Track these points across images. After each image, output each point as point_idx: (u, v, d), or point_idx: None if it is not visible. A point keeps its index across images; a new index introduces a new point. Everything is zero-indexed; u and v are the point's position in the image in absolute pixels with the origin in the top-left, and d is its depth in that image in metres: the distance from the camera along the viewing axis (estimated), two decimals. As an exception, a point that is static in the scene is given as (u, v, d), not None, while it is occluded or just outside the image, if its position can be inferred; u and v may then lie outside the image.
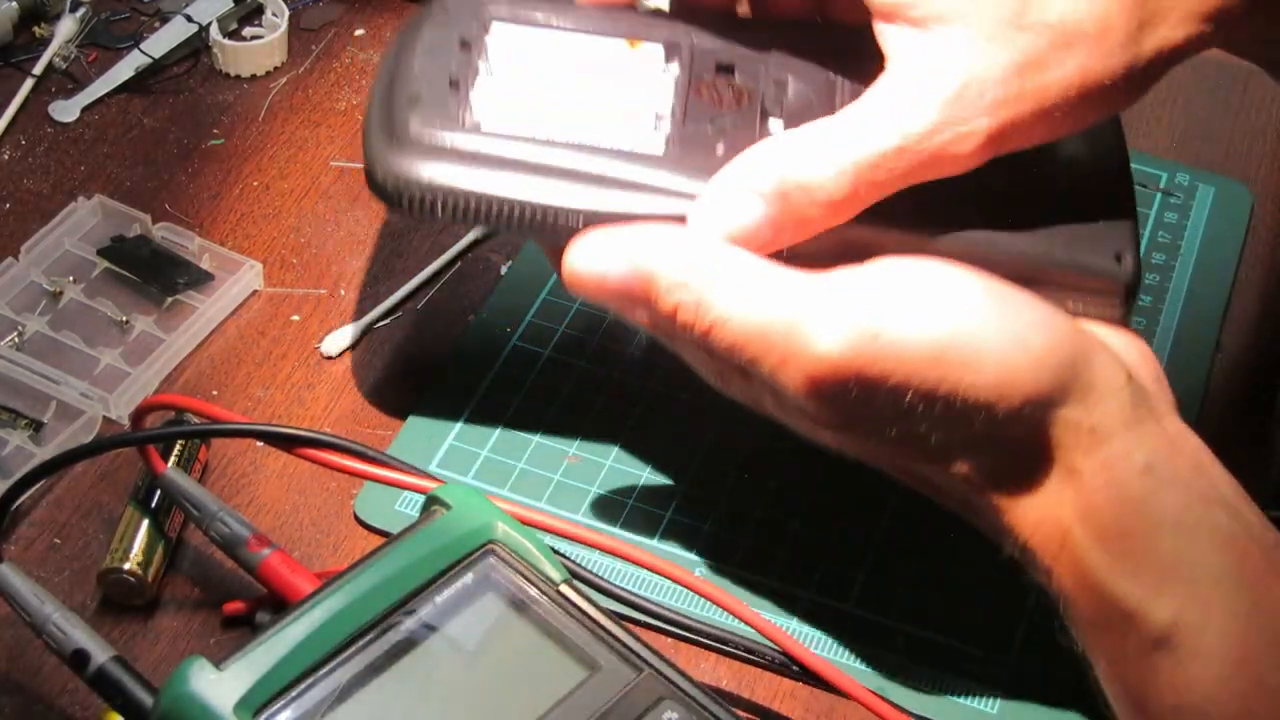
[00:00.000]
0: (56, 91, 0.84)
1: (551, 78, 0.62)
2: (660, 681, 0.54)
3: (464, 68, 0.62)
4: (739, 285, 0.55)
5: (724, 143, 0.59)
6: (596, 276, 0.56)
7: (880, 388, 0.53)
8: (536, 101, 0.61)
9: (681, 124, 0.60)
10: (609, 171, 0.58)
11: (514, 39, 0.63)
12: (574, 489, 0.69)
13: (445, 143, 0.59)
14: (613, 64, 0.63)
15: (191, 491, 0.63)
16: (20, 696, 0.62)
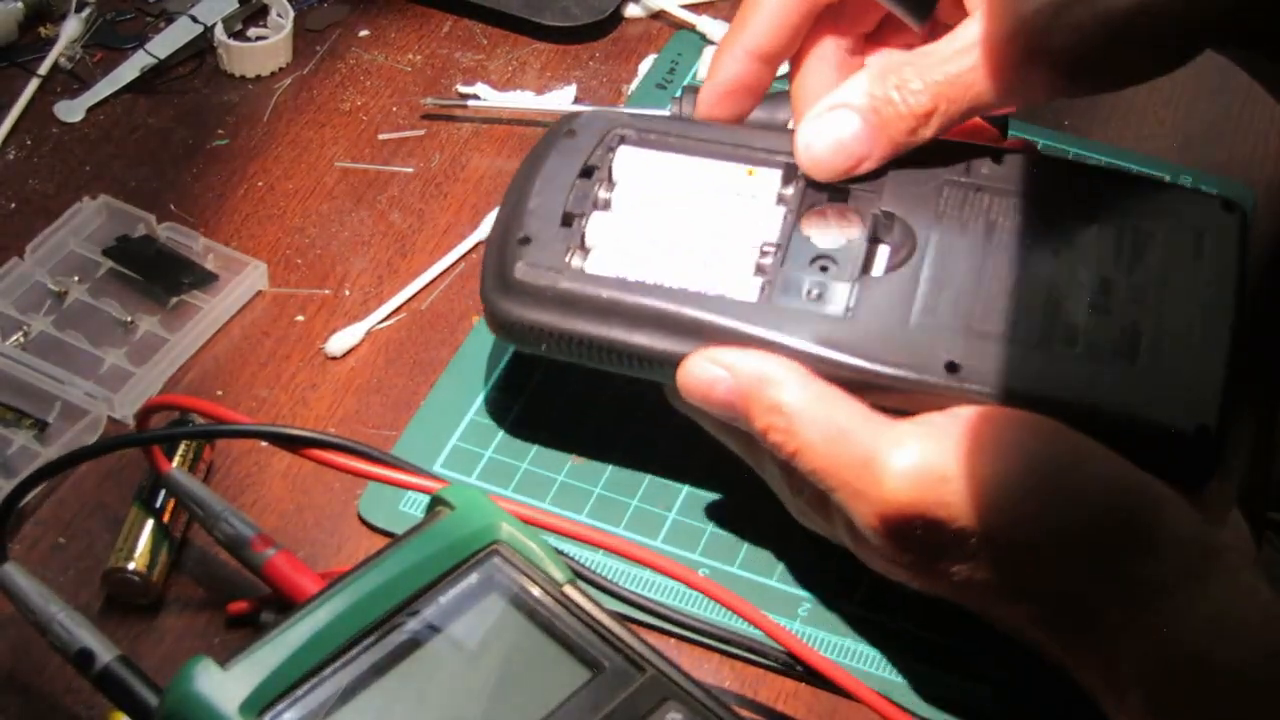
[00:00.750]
0: (62, 91, 0.84)
1: (666, 209, 0.64)
2: (664, 682, 0.54)
3: (581, 200, 0.65)
4: (827, 416, 0.58)
5: (818, 289, 0.61)
6: (705, 387, 0.60)
7: (945, 530, 0.55)
8: (647, 236, 0.63)
9: (780, 265, 0.62)
10: (703, 318, 0.60)
11: (637, 162, 0.66)
12: (578, 489, 0.69)
13: (548, 287, 0.62)
14: (728, 192, 0.65)
15: (196, 491, 0.63)
16: (25, 696, 0.62)
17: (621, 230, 0.64)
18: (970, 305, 0.60)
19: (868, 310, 0.60)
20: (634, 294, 0.61)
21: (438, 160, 0.83)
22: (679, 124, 0.68)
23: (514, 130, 0.84)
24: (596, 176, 0.65)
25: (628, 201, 0.65)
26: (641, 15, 0.91)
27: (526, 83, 0.86)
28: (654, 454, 0.70)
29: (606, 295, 0.62)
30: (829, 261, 0.62)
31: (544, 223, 0.64)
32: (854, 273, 0.61)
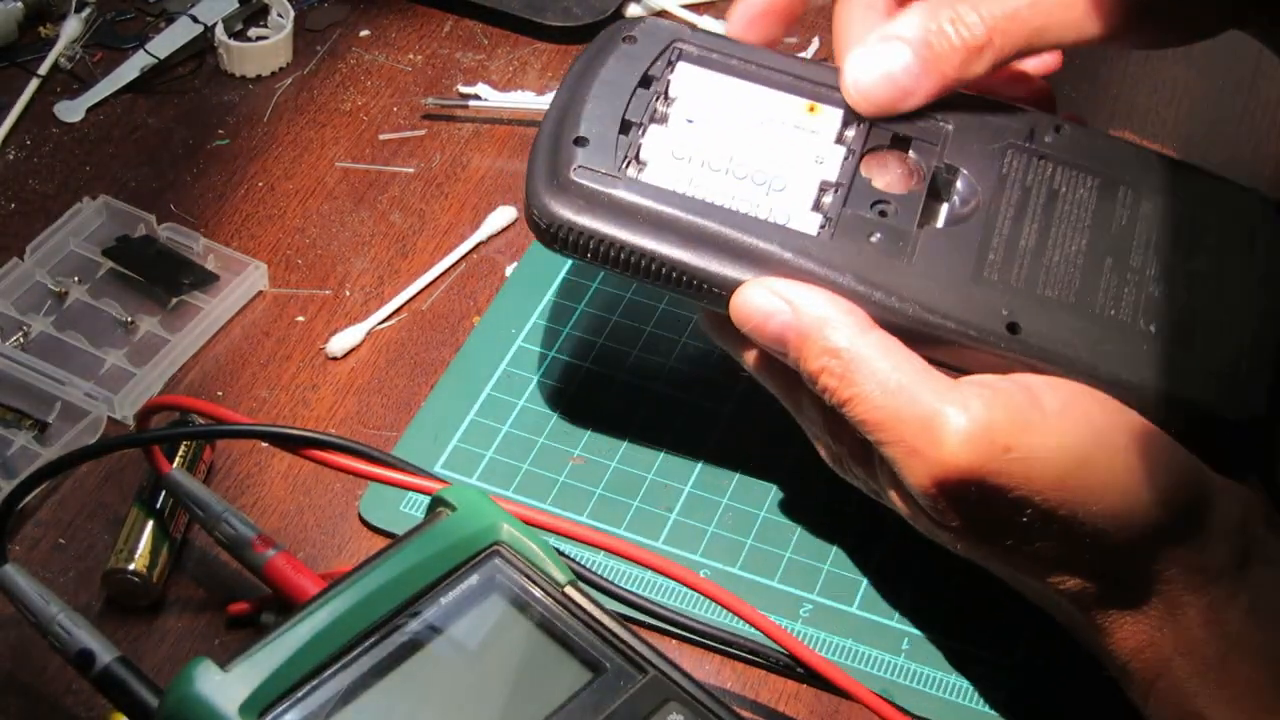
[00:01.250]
0: (62, 92, 0.84)
1: (725, 132, 0.62)
2: (665, 683, 0.54)
3: (640, 109, 0.62)
4: (888, 367, 0.56)
5: (880, 232, 0.59)
6: (761, 318, 0.58)
7: (1002, 499, 0.55)
8: (705, 156, 0.61)
9: (842, 204, 0.60)
10: (760, 245, 0.58)
11: (698, 82, 0.64)
12: (579, 490, 0.69)
13: (604, 192, 0.60)
14: (789, 125, 0.63)
15: (196, 492, 0.63)
16: (25, 697, 0.62)
17: (680, 146, 0.61)
18: (1034, 270, 0.59)
19: (930, 260, 0.59)
20: (692, 211, 0.59)
21: (438, 160, 0.83)
22: (743, 48, 0.65)
23: (515, 130, 0.84)
24: (654, 89, 0.63)
25: (685, 119, 0.62)
26: (642, 15, 0.91)
27: (528, 83, 0.86)
28: (655, 455, 0.70)
29: (664, 208, 0.59)
30: (888, 206, 0.60)
31: (602, 126, 0.61)
32: (915, 220, 0.60)
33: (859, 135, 0.63)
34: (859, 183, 0.61)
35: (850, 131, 0.63)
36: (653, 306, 0.75)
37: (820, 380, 0.57)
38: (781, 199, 0.60)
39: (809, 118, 0.63)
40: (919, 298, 0.58)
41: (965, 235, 0.60)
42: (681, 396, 0.72)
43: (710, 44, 0.65)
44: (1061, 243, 0.60)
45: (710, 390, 0.72)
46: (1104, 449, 0.55)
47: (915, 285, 0.58)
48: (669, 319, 0.75)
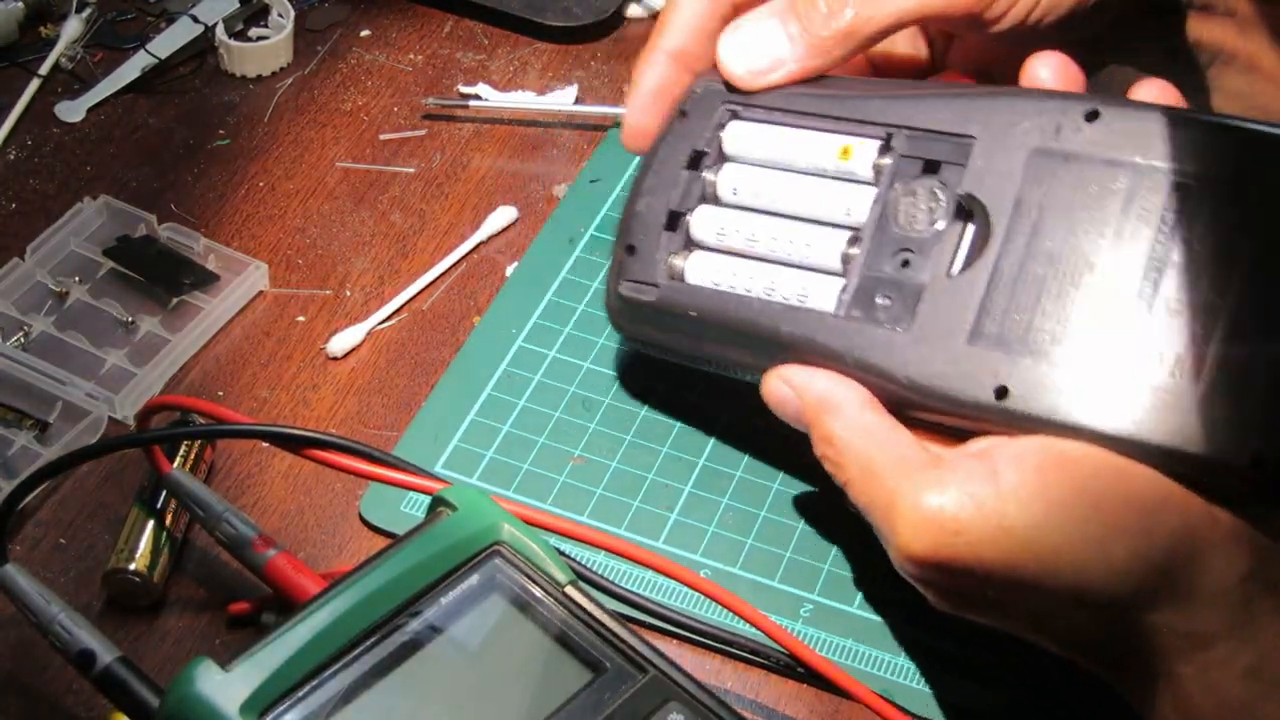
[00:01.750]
0: (62, 92, 0.84)
1: (765, 196, 0.64)
2: (666, 683, 0.54)
3: (688, 193, 0.65)
4: (869, 452, 0.58)
5: (889, 296, 0.59)
6: (779, 405, 0.61)
7: (964, 578, 0.55)
8: (746, 229, 0.64)
9: (864, 261, 0.61)
10: (781, 331, 0.61)
11: (746, 138, 0.65)
12: (579, 490, 0.69)
13: (646, 303, 0.65)
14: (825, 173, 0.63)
15: (197, 492, 0.63)
16: (26, 697, 0.62)
17: (725, 223, 0.64)
18: (1031, 317, 0.57)
19: (930, 321, 0.58)
20: (723, 309, 0.63)
21: (439, 160, 0.83)
22: (793, 91, 0.65)
23: (515, 130, 0.84)
24: (705, 163, 0.65)
25: (732, 189, 0.65)
26: (643, 15, 0.91)
27: (528, 83, 0.86)
28: (656, 454, 0.70)
29: (696, 314, 0.63)
30: (911, 255, 0.60)
31: (648, 228, 0.65)
32: (934, 269, 0.59)
33: (889, 168, 0.61)
34: (884, 230, 0.61)
35: (886, 160, 0.62)
36: (653, 306, 0.75)
37: (825, 466, 0.59)
38: (812, 260, 0.62)
39: (842, 164, 0.63)
40: (909, 371, 0.58)
41: (971, 283, 0.58)
42: (682, 396, 0.72)
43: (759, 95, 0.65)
44: (1069, 277, 0.57)
45: (711, 390, 0.72)
46: (1061, 521, 0.54)
47: (908, 357, 0.58)
48: (669, 319, 0.75)
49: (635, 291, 0.65)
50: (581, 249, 0.78)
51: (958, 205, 0.60)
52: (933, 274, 0.59)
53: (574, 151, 0.83)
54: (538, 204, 0.81)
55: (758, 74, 0.64)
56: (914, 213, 0.60)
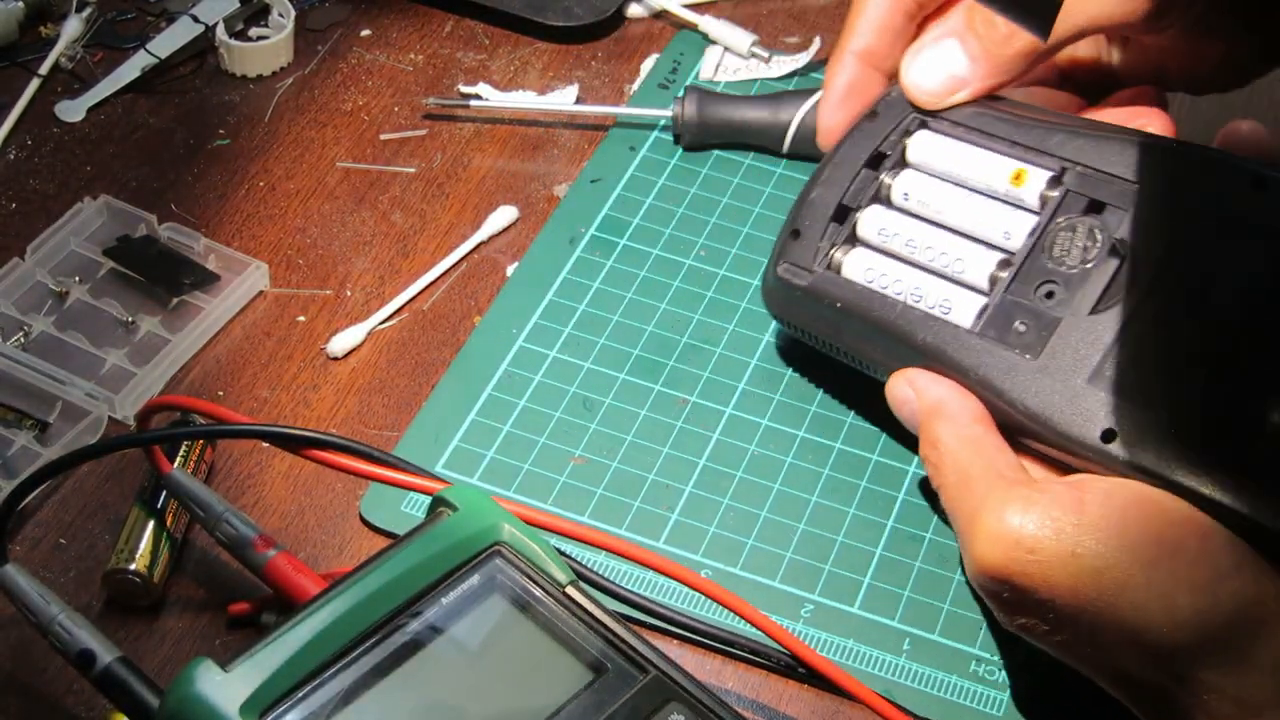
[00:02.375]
0: (63, 91, 0.84)
1: (933, 206, 0.66)
2: (666, 683, 0.54)
3: (862, 190, 0.67)
4: (966, 461, 0.60)
5: (1026, 323, 0.61)
6: (897, 405, 0.64)
7: (1029, 598, 0.56)
8: (909, 234, 0.66)
9: (1008, 285, 0.62)
10: (916, 337, 0.63)
11: (929, 149, 0.66)
12: (580, 490, 0.69)
13: (798, 287, 0.67)
14: (995, 195, 0.64)
15: (197, 492, 0.63)
16: (25, 697, 0.62)
17: (889, 224, 0.66)
18: (1153, 371, 0.58)
19: (1057, 354, 0.60)
20: (867, 306, 0.65)
21: (439, 160, 0.83)
22: (982, 110, 0.66)
23: (516, 130, 0.84)
24: (885, 165, 0.67)
25: (903, 194, 0.66)
26: (644, 15, 0.91)
27: (529, 83, 0.86)
28: (656, 454, 0.70)
29: (842, 306, 0.65)
30: (1056, 288, 0.61)
31: (817, 217, 0.67)
32: (1074, 306, 0.60)
33: (1054, 202, 0.63)
34: (1035, 259, 0.62)
35: (1054, 192, 0.63)
36: (653, 307, 0.75)
37: (925, 467, 0.61)
38: (960, 277, 0.64)
39: (1013, 188, 0.64)
40: (1026, 397, 0.59)
41: (1105, 325, 0.60)
42: (683, 396, 0.72)
43: (956, 111, 0.66)
44: (1200, 345, 0.58)
45: (711, 390, 0.72)
46: (1133, 561, 0.54)
47: (1029, 384, 0.60)
48: (670, 319, 0.75)
49: (791, 274, 0.67)
50: (582, 249, 0.78)
51: (1112, 248, 0.61)
52: (1073, 311, 0.60)
53: (575, 151, 0.83)
54: (538, 204, 0.81)
55: (940, 95, 0.66)
56: (1069, 247, 0.62)
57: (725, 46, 0.88)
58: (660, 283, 0.77)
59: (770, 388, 0.73)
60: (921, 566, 0.67)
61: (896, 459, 0.70)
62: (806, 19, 0.91)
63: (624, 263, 0.77)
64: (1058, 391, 0.59)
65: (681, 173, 0.82)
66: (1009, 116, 0.65)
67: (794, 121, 0.81)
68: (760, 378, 0.73)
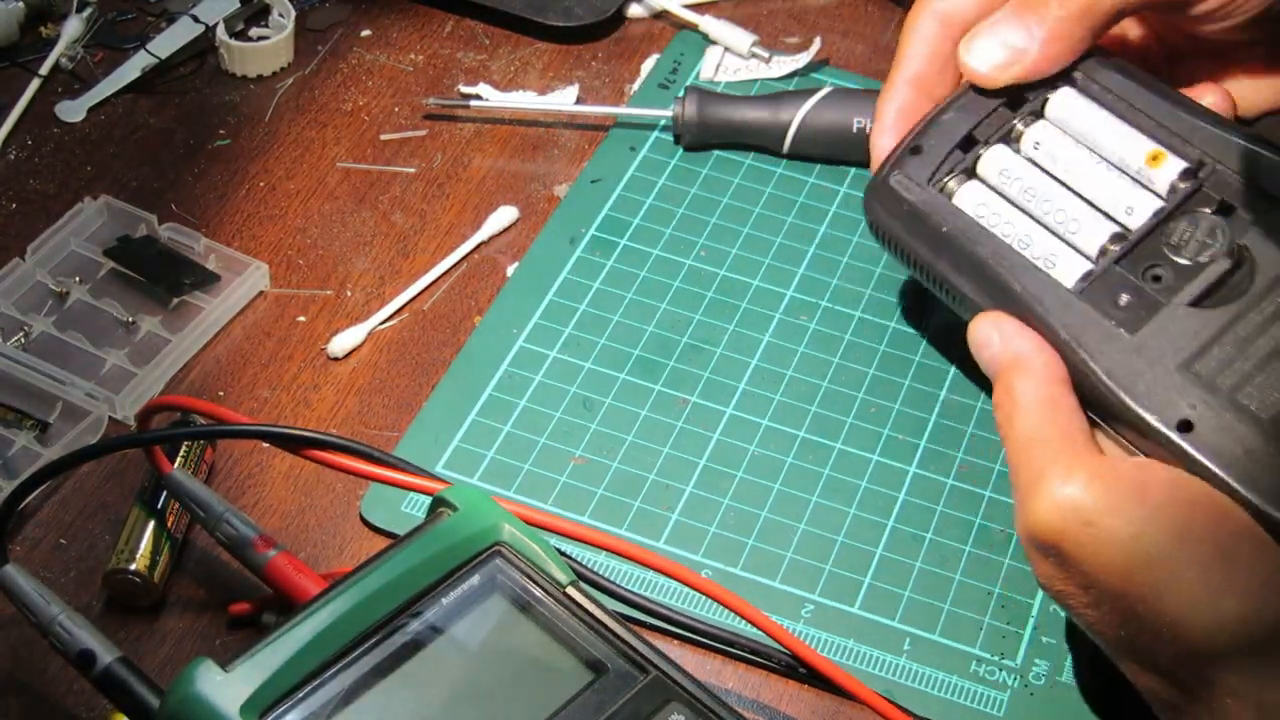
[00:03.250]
0: (63, 92, 0.84)
1: (1061, 164, 0.65)
2: (667, 683, 0.54)
3: (994, 126, 0.66)
4: (1038, 421, 0.59)
5: (1130, 296, 0.60)
6: (978, 345, 0.62)
7: (1075, 569, 0.56)
8: (1028, 182, 0.64)
9: (1117, 259, 0.61)
10: (1009, 282, 0.62)
11: (1070, 109, 0.65)
12: (580, 490, 0.69)
13: (905, 200, 0.65)
14: (1127, 171, 0.64)
15: (197, 492, 0.63)
16: (26, 697, 0.62)
17: (1011, 167, 0.65)
18: (1246, 377, 0.58)
19: (1154, 336, 0.59)
20: (970, 237, 0.64)
21: (440, 160, 0.83)
22: (1133, 82, 0.65)
23: (516, 130, 0.84)
24: (1022, 109, 0.66)
25: (1034, 143, 0.65)
26: (644, 15, 0.91)
27: (529, 83, 0.86)
28: (657, 455, 0.70)
29: (948, 230, 0.64)
30: (1163, 272, 0.61)
31: (943, 139, 0.66)
32: (1180, 295, 0.60)
33: (1184, 192, 0.62)
34: (1151, 241, 0.62)
35: (1185, 184, 0.62)
36: (654, 307, 0.75)
37: (995, 415, 0.60)
38: (1070, 239, 0.63)
39: (1146, 168, 0.63)
40: (1114, 370, 0.59)
41: (1207, 321, 0.59)
42: (683, 397, 0.72)
43: (1106, 78, 0.66)
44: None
45: (712, 390, 0.72)
46: (1179, 557, 0.54)
47: (1118, 357, 0.59)
48: (670, 319, 0.75)
49: (903, 187, 0.65)
50: (582, 249, 0.78)
51: (1230, 250, 0.60)
52: (1179, 299, 0.60)
53: (575, 151, 0.83)
54: (539, 204, 0.81)
55: (1000, 67, 0.65)
56: (1188, 239, 0.61)
57: (725, 47, 0.88)
58: (660, 283, 0.77)
59: (770, 388, 0.73)
60: (922, 567, 0.67)
61: (897, 459, 0.70)
62: (806, 19, 0.91)
63: (624, 263, 0.77)
64: (1146, 370, 0.58)
65: (682, 173, 0.82)
66: (1157, 95, 0.65)
67: (794, 122, 0.81)
68: (760, 378, 0.73)
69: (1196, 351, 0.58)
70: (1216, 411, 0.57)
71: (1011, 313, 0.61)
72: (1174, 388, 0.58)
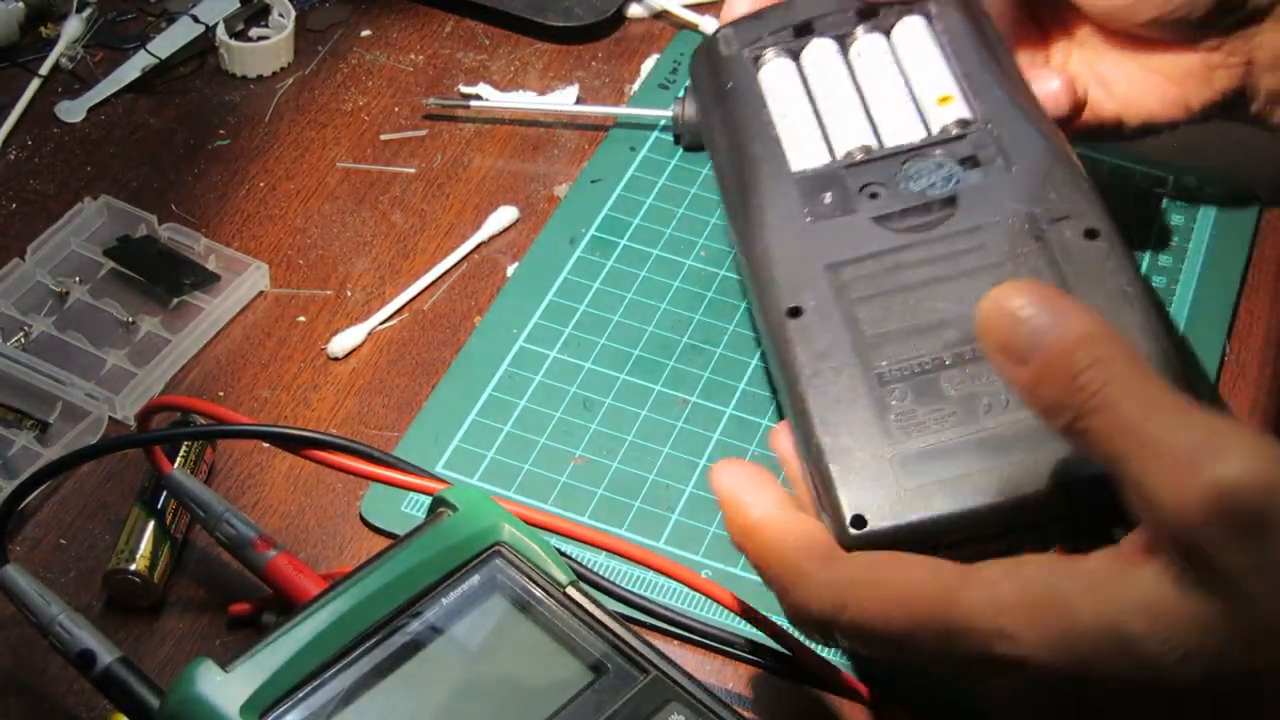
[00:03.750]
0: (63, 92, 0.84)
1: (870, 76, 0.65)
2: (667, 684, 0.54)
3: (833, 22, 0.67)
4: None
5: (835, 195, 0.61)
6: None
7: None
8: (826, 80, 0.65)
9: (846, 166, 0.62)
10: (749, 147, 0.64)
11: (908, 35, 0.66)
12: (580, 490, 0.69)
13: (719, 54, 0.67)
14: (918, 102, 0.64)
15: (197, 492, 0.63)
16: (26, 697, 0.62)
17: (824, 64, 0.66)
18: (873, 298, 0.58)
19: (824, 231, 0.60)
20: (743, 100, 0.65)
21: (440, 161, 0.83)
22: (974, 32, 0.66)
23: (516, 130, 0.84)
24: (870, 21, 0.67)
25: (861, 52, 0.66)
26: (644, 15, 0.91)
27: (529, 83, 0.86)
28: (657, 455, 0.70)
29: (730, 86, 0.66)
30: (882, 192, 0.61)
31: (782, 19, 0.67)
32: (868, 210, 0.61)
33: (946, 134, 0.63)
34: (889, 164, 0.62)
35: (958, 130, 0.63)
36: (654, 307, 0.75)
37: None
38: (829, 136, 0.64)
39: (933, 105, 0.64)
40: (769, 247, 0.60)
41: (878, 238, 0.59)
42: (683, 396, 0.72)
43: (954, 18, 0.66)
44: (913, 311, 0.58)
45: (712, 390, 0.72)
46: None
47: (785, 239, 0.60)
48: (670, 320, 0.75)
49: (724, 41, 0.67)
50: (582, 249, 0.78)
51: (951, 198, 0.61)
52: (864, 211, 0.60)
53: (575, 151, 0.83)
54: (539, 204, 0.81)
55: None
56: (921, 174, 0.62)
57: (725, 47, 0.88)
58: (660, 283, 0.77)
59: (771, 388, 0.73)
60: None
61: (897, 459, 0.70)
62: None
63: (624, 263, 0.77)
64: (798, 255, 0.59)
65: (681, 173, 0.82)
66: (984, 53, 0.65)
67: None
68: (760, 378, 0.73)
69: (850, 259, 0.59)
70: (828, 313, 0.58)
71: (742, 170, 0.63)
72: (807, 279, 0.59)
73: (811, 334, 0.57)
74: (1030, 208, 0.60)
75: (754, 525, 0.54)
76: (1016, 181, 0.60)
